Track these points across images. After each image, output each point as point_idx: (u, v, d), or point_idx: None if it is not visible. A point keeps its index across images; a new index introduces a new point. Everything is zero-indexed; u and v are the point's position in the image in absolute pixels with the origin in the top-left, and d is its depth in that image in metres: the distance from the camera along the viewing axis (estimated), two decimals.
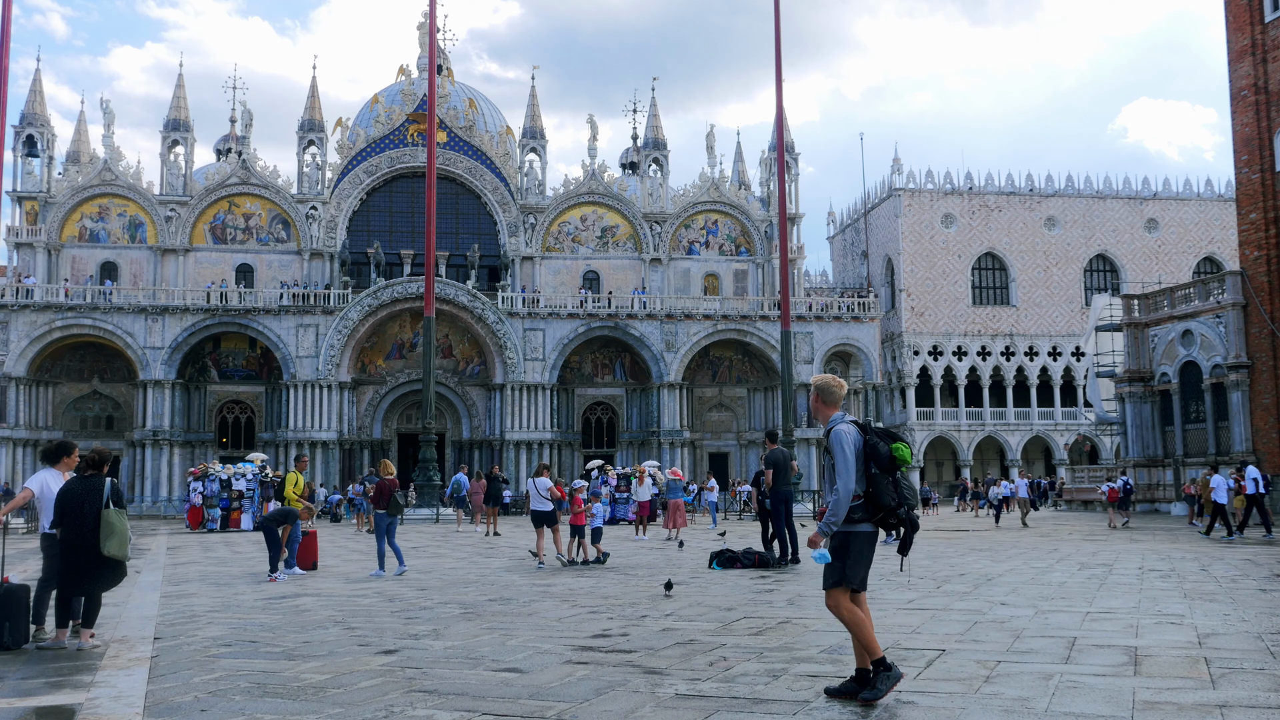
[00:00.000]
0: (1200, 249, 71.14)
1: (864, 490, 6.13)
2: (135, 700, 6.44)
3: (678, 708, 6.10)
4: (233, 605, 11.86)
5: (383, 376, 56.68)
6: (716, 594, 12.34)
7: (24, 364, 51.22)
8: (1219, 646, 8.04)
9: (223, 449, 54.00)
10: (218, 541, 26.65)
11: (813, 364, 57.28)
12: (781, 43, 37.92)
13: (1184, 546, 20.39)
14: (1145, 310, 40.84)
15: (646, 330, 56.41)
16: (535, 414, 55.07)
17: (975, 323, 68.20)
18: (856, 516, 6.14)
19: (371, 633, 9.41)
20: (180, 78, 58.65)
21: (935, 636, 8.68)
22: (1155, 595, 11.67)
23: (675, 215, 60.32)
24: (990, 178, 69.86)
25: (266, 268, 56.97)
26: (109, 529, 8.55)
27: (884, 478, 6.13)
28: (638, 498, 27.26)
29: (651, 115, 62.15)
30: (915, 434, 65.78)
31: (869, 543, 6.22)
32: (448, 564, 17.87)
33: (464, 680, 7.00)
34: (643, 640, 8.71)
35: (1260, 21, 35.27)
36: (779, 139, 39.37)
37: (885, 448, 6.14)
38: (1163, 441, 39.55)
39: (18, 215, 55.22)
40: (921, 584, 13.19)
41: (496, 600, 12.00)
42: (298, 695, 6.56)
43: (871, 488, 6.13)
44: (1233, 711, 5.81)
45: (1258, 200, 35.15)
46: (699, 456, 58.66)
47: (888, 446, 6.14)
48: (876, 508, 6.12)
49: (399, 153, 58.98)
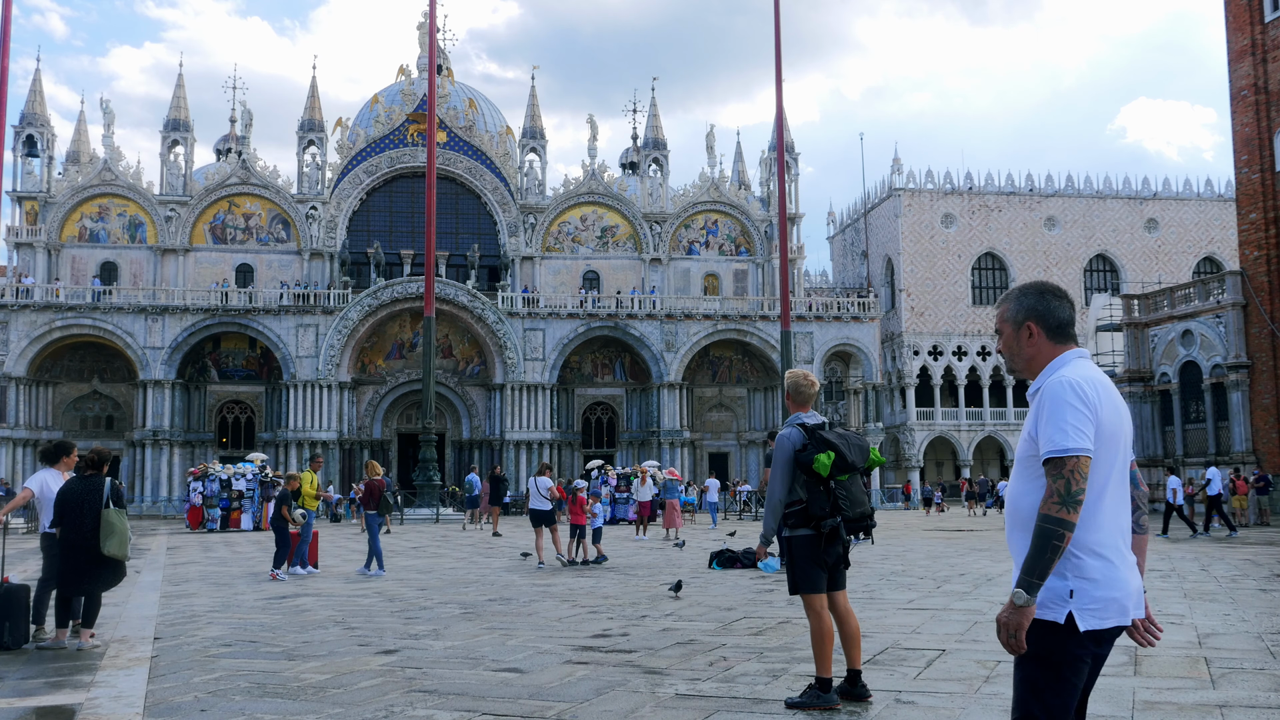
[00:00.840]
0: (1200, 249, 71.13)
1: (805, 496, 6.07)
2: (135, 700, 6.44)
3: (678, 708, 6.10)
4: (233, 605, 11.86)
5: (383, 376, 56.68)
6: (716, 594, 12.34)
7: (24, 364, 51.21)
8: (1219, 646, 8.04)
9: (223, 449, 53.99)
10: (218, 541, 26.65)
11: (813, 364, 57.27)
12: (781, 43, 37.92)
13: (1184, 546, 20.40)
14: (1145, 310, 40.85)
15: (646, 330, 56.40)
16: (535, 414, 55.07)
17: (975, 323, 68.20)
18: (792, 523, 6.11)
19: (371, 633, 9.41)
20: (180, 77, 58.65)
21: (935, 636, 8.68)
22: (1155, 595, 11.66)
23: (675, 215, 60.32)
24: (990, 178, 69.87)
25: (266, 268, 56.96)
26: (109, 529, 8.56)
27: (814, 485, 6.06)
28: (638, 498, 27.33)
29: (651, 115, 62.15)
30: (915, 434, 65.80)
31: (809, 546, 6.08)
32: (448, 564, 17.87)
33: (464, 680, 7.01)
34: (643, 640, 8.71)
35: (1260, 21, 35.28)
36: (779, 139, 39.36)
37: (806, 457, 6.05)
38: (1163, 441, 39.55)
39: (18, 215, 55.22)
40: (921, 584, 13.18)
41: (496, 600, 12.00)
42: (298, 695, 6.56)
43: (807, 494, 6.08)
44: (1233, 711, 5.81)
45: (1258, 200, 35.16)
46: (699, 456, 58.67)
47: (811, 456, 6.03)
48: (808, 515, 6.06)
49: (399, 153, 58.98)
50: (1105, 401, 3.08)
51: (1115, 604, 3.04)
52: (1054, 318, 3.25)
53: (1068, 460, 2.98)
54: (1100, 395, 3.08)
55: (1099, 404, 3.06)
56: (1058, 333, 3.25)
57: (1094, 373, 3.15)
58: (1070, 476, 2.97)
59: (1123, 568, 3.09)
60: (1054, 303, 3.27)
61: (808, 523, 6.06)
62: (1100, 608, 3.02)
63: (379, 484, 16.49)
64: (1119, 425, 3.12)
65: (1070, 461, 2.98)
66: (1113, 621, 3.04)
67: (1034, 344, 3.27)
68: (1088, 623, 3.00)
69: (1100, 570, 3.05)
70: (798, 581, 6.12)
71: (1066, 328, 3.27)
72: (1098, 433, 3.04)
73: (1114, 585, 3.05)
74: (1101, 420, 3.05)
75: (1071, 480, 2.97)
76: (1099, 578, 3.04)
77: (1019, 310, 3.29)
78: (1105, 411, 3.07)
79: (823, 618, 6.09)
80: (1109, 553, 3.07)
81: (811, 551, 6.09)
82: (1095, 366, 3.21)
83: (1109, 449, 3.08)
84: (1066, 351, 3.23)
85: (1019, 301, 3.31)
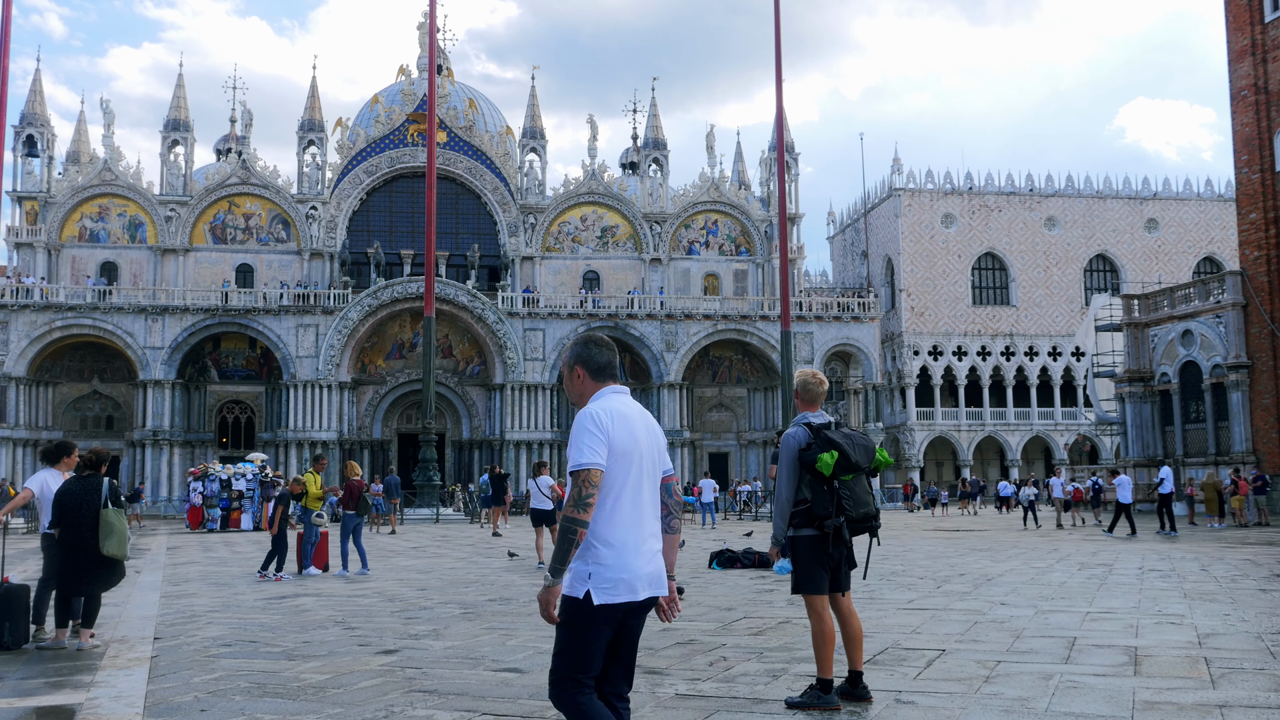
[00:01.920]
0: (1200, 249, 71.12)
1: (809, 496, 6.06)
2: (135, 700, 6.44)
3: (678, 708, 6.10)
4: (233, 605, 11.86)
5: (383, 376, 56.69)
6: (716, 594, 12.34)
7: (24, 364, 51.22)
8: (1219, 646, 8.04)
9: (223, 449, 54.00)
10: (218, 541, 26.65)
11: (813, 364, 57.26)
12: (781, 43, 37.90)
13: (1184, 546, 20.40)
14: (1145, 310, 40.83)
15: (646, 330, 56.41)
16: (535, 414, 55.08)
17: (975, 323, 68.19)
18: (797, 522, 6.09)
19: (371, 633, 9.41)
20: (180, 77, 58.66)
21: (935, 636, 8.68)
22: (1155, 595, 11.66)
23: (675, 215, 60.32)
24: (990, 178, 69.85)
25: (266, 268, 56.96)
26: (108, 529, 8.56)
27: (819, 485, 6.05)
28: None
29: (651, 115, 62.15)
30: (915, 434, 65.80)
31: (815, 546, 6.06)
32: (448, 564, 17.87)
33: (464, 680, 7.01)
34: (642, 640, 8.69)
35: (1260, 21, 35.28)
36: (779, 139, 39.36)
37: (810, 457, 6.04)
38: (1163, 441, 39.54)
39: (18, 215, 55.23)
40: (921, 584, 13.18)
41: (496, 600, 12.00)
42: (298, 695, 6.56)
43: (811, 494, 6.06)
44: (1233, 711, 5.81)
45: (1258, 200, 35.16)
46: (699, 456, 58.67)
47: (814, 456, 6.03)
48: (812, 516, 6.06)
49: (399, 153, 58.98)
50: (619, 426, 3.90)
51: (624, 584, 3.85)
52: (594, 363, 4.10)
53: (581, 473, 3.80)
54: (614, 421, 3.90)
55: (611, 428, 3.88)
56: (598, 373, 4.10)
57: (616, 405, 4.00)
58: (582, 485, 3.79)
59: (633, 556, 3.90)
60: (595, 351, 4.12)
61: (812, 523, 6.04)
62: (610, 586, 3.82)
63: (358, 484, 16.73)
64: (632, 445, 3.93)
65: (583, 474, 3.80)
66: (622, 598, 3.85)
67: (581, 382, 4.11)
68: (600, 598, 3.81)
69: (611, 557, 3.85)
70: (800, 582, 6.09)
71: (605, 369, 4.12)
72: (610, 451, 3.86)
73: (623, 569, 3.86)
74: (613, 441, 3.87)
75: (583, 488, 3.78)
76: (610, 563, 3.85)
77: (571, 357, 4.16)
78: (617, 434, 3.88)
79: (824, 618, 6.07)
80: (619, 544, 3.87)
81: (815, 552, 6.07)
82: (622, 400, 4.05)
83: (622, 463, 3.89)
84: (604, 388, 4.07)
85: (571, 350, 4.18)
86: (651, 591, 3.96)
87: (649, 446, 4.04)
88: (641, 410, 4.12)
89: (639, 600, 3.91)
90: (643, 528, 3.96)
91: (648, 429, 4.06)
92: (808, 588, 6.06)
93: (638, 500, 3.95)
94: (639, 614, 3.99)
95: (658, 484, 4.09)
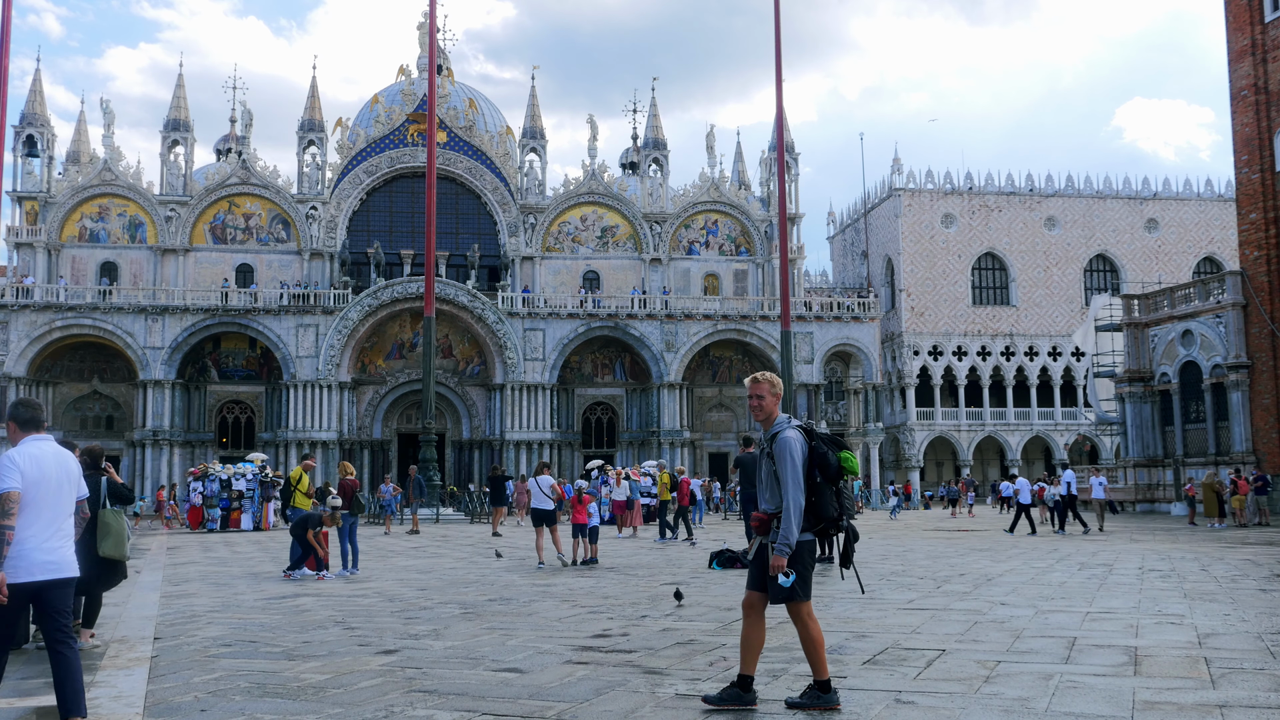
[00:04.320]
0: (1200, 249, 71.13)
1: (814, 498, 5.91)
2: (135, 700, 6.45)
3: (678, 708, 6.09)
4: (233, 605, 11.86)
5: (383, 376, 56.70)
6: (716, 594, 12.33)
7: (24, 364, 51.22)
8: (1219, 646, 8.03)
9: (223, 449, 54.01)
10: (218, 541, 26.64)
11: (813, 364, 57.32)
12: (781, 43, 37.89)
13: (1184, 547, 20.40)
14: (1145, 310, 40.82)
15: (646, 330, 56.42)
16: (535, 414, 55.08)
17: (975, 323, 68.20)
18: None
19: (371, 633, 9.41)
20: (180, 78, 58.68)
21: (935, 636, 8.67)
22: (1155, 595, 11.66)
23: (675, 215, 60.33)
24: (990, 178, 69.86)
25: (266, 268, 56.97)
26: (104, 529, 8.57)
27: (828, 488, 5.93)
28: (614, 497, 28.20)
29: (651, 115, 62.16)
30: (915, 434, 65.81)
31: (811, 551, 6.01)
32: (448, 564, 17.86)
33: (464, 680, 7.00)
34: (643, 640, 8.71)
35: (1260, 21, 35.28)
36: (779, 139, 39.36)
37: (834, 458, 5.92)
38: (1163, 441, 39.53)
39: (18, 215, 55.25)
40: (921, 584, 13.18)
41: (496, 600, 11.99)
42: (298, 695, 6.56)
43: (815, 497, 5.91)
44: (1233, 711, 5.81)
45: (1258, 200, 35.16)
46: (699, 456, 58.67)
47: (836, 456, 5.92)
48: (817, 518, 5.93)
49: (399, 153, 58.99)
50: (28, 463, 5.40)
51: (24, 570, 5.27)
52: (20, 418, 5.61)
53: (5, 496, 5.26)
54: (26, 460, 5.41)
55: (24, 464, 5.38)
56: (25, 426, 5.61)
57: (34, 450, 5.51)
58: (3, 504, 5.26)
59: (35, 553, 5.34)
60: (20, 410, 5.63)
61: (813, 526, 5.95)
62: (11, 573, 5.23)
63: (352, 484, 16.78)
64: (40, 477, 5.42)
65: (4, 497, 5.26)
66: (22, 579, 5.28)
67: (14, 434, 5.59)
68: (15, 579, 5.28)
69: (14, 552, 5.27)
70: (801, 589, 5.91)
71: (30, 424, 5.61)
72: (25, 480, 5.34)
73: (21, 559, 5.28)
74: (24, 472, 5.34)
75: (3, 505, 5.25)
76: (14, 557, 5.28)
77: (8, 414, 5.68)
78: (26, 466, 5.37)
79: (811, 624, 5.95)
80: (22, 545, 5.30)
81: (812, 557, 6.03)
82: (44, 445, 5.58)
83: (35, 489, 5.38)
84: (26, 437, 5.57)
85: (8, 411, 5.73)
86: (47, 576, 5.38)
87: (60, 478, 5.57)
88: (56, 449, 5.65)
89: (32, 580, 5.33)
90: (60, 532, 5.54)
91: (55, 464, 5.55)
92: (805, 593, 5.94)
93: (50, 517, 5.47)
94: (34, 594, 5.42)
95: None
